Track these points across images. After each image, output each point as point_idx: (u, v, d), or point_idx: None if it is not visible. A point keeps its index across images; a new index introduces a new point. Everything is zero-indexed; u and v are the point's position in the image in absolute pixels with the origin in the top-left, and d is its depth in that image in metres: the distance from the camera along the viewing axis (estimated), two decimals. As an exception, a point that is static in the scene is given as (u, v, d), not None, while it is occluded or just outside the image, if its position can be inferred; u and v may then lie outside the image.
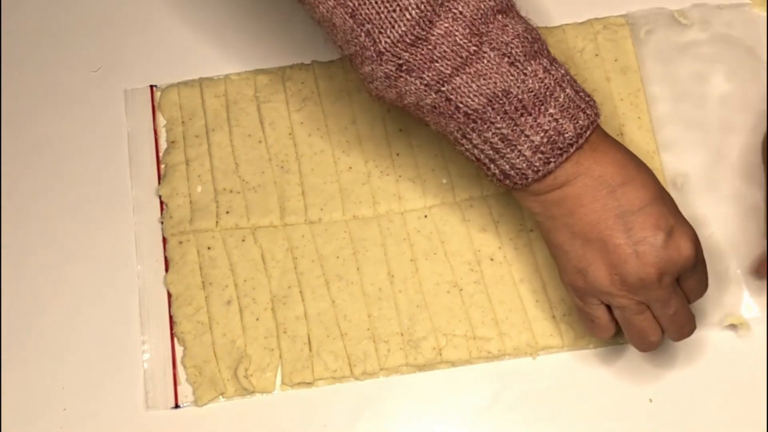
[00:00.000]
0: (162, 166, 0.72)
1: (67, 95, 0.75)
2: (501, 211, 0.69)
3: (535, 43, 0.56)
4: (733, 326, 0.66)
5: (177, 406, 0.66)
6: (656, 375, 0.65)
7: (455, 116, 0.55)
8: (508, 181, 0.57)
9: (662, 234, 0.56)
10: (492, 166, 0.57)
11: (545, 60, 0.55)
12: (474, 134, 0.56)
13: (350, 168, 0.71)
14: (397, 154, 0.71)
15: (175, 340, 0.68)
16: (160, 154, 0.73)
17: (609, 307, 0.59)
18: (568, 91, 0.56)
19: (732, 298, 0.67)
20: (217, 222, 0.70)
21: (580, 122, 0.55)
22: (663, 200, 0.57)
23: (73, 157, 0.73)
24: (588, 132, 0.56)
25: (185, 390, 0.66)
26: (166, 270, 0.69)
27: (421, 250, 0.68)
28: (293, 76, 0.74)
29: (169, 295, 0.69)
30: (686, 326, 0.60)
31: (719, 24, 0.73)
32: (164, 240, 0.70)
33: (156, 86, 0.75)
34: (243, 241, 0.69)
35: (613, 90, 0.72)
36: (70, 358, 0.67)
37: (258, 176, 0.71)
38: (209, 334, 0.67)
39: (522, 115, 0.55)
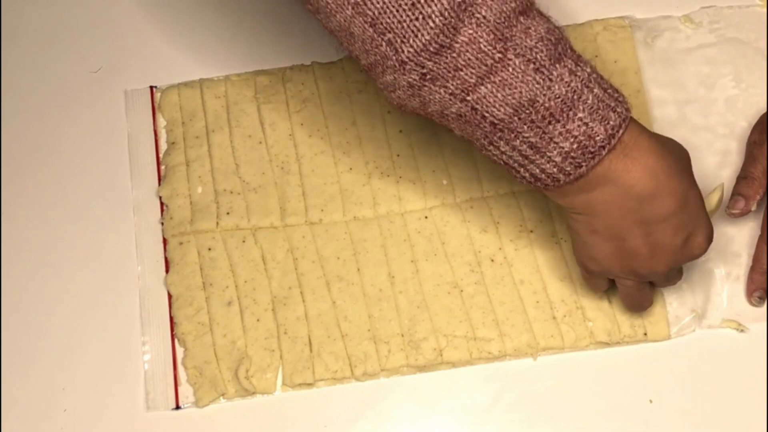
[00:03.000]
0: (162, 167, 0.72)
1: (67, 95, 0.75)
2: (501, 212, 0.69)
3: (559, 44, 0.54)
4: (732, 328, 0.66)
5: (178, 407, 0.66)
6: (656, 375, 0.65)
7: (481, 125, 0.54)
8: (539, 184, 0.56)
9: (680, 241, 0.57)
10: (522, 170, 0.56)
11: (570, 61, 0.54)
12: (501, 142, 0.55)
13: (350, 169, 0.71)
14: (398, 156, 0.71)
15: (176, 341, 0.68)
16: (161, 155, 0.73)
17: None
18: (596, 91, 0.54)
19: (730, 300, 0.67)
20: (217, 223, 0.70)
21: (611, 122, 0.54)
22: (687, 206, 0.57)
23: (74, 158, 0.73)
24: (620, 131, 0.54)
25: (186, 391, 0.66)
26: (167, 271, 0.69)
27: (421, 251, 0.68)
28: (293, 77, 0.74)
29: (170, 296, 0.68)
30: (676, 279, 0.64)
31: (728, 26, 0.73)
32: (165, 241, 0.70)
33: (156, 87, 0.75)
34: (243, 242, 0.69)
35: (613, 91, 0.72)
36: (71, 359, 0.67)
37: (258, 177, 0.71)
38: (210, 335, 0.67)
39: (550, 123, 0.53)
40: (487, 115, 0.54)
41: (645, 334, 0.66)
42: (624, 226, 0.56)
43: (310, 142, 0.72)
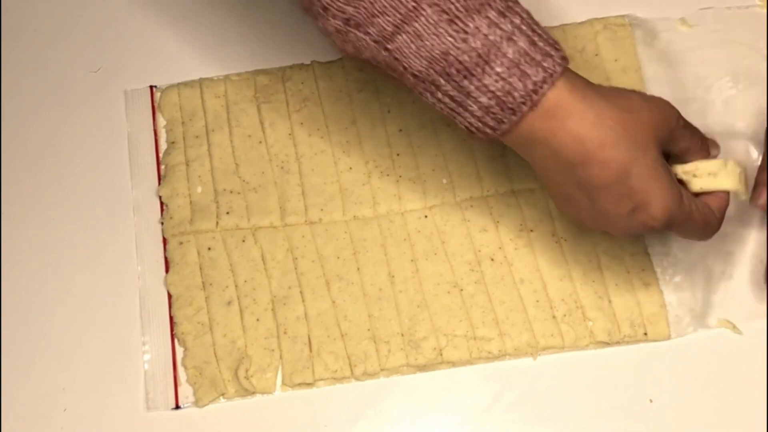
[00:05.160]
0: (162, 167, 0.72)
1: (67, 95, 0.75)
2: (501, 211, 0.69)
3: None
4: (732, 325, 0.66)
5: (177, 407, 0.66)
6: (656, 375, 0.65)
7: (405, 76, 0.54)
8: (476, 135, 0.55)
9: (624, 211, 0.55)
10: (456, 120, 0.56)
11: (494, 12, 0.52)
12: (428, 93, 0.54)
13: (350, 168, 0.71)
14: (398, 155, 0.71)
15: (176, 340, 0.68)
16: (160, 155, 0.73)
17: None
18: (521, 44, 0.52)
19: (729, 300, 0.67)
20: (217, 222, 0.70)
21: (533, 79, 0.52)
22: (628, 178, 0.54)
23: (73, 158, 0.73)
24: (544, 88, 0.52)
25: (186, 391, 0.66)
26: (167, 271, 0.69)
27: (421, 251, 0.68)
28: (293, 76, 0.74)
29: (170, 296, 0.69)
30: (695, 231, 0.61)
31: (726, 27, 0.73)
32: (164, 240, 0.70)
33: (156, 87, 0.75)
34: (243, 241, 0.69)
35: (613, 90, 0.72)
36: (71, 359, 0.67)
37: (258, 177, 0.71)
38: (210, 334, 0.67)
39: (465, 77, 0.52)
40: (406, 66, 0.53)
41: (645, 333, 0.66)
42: (568, 189, 0.55)
43: (309, 141, 0.72)
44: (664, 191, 0.55)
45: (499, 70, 0.52)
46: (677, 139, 0.59)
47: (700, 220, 0.58)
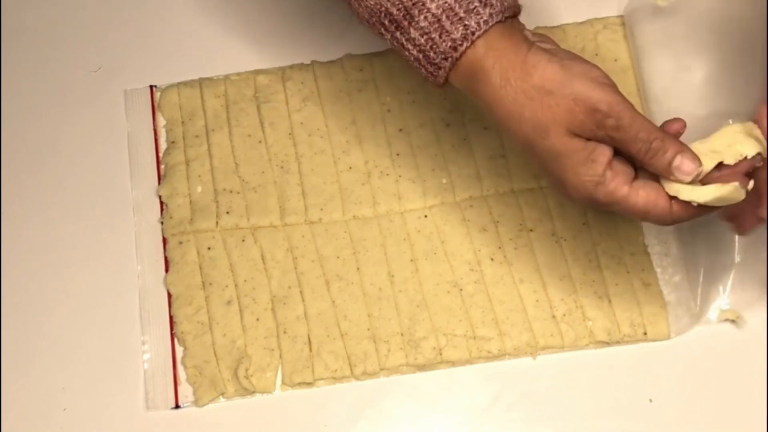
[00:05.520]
0: (162, 167, 0.72)
1: (67, 95, 0.75)
2: (501, 211, 0.69)
3: None
4: (731, 321, 0.66)
5: (177, 407, 0.66)
6: (656, 375, 0.65)
7: (361, 21, 0.56)
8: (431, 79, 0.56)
9: (553, 179, 0.55)
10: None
11: None
12: (381, 38, 0.56)
13: (350, 168, 0.71)
14: (397, 154, 0.71)
15: (176, 340, 0.68)
16: (160, 155, 0.73)
17: None
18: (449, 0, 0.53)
19: (729, 297, 0.67)
20: (217, 222, 0.70)
21: (453, 35, 0.53)
22: (534, 156, 0.55)
23: (73, 158, 0.73)
24: (464, 45, 0.53)
25: (185, 390, 0.66)
26: (167, 270, 0.69)
27: (421, 250, 0.68)
28: (293, 76, 0.74)
29: (170, 296, 0.69)
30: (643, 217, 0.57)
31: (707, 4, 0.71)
32: (164, 240, 0.70)
33: (156, 86, 0.75)
34: (243, 241, 0.69)
35: (613, 90, 0.72)
36: (71, 359, 0.67)
37: (258, 176, 0.71)
38: (209, 334, 0.67)
39: (397, 29, 0.54)
40: (356, 12, 0.55)
41: (645, 333, 0.66)
42: (517, 145, 0.56)
43: (309, 141, 0.72)
44: (569, 176, 0.54)
45: (423, 24, 0.53)
46: (607, 140, 0.54)
47: (641, 210, 0.54)
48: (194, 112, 0.73)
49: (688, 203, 0.54)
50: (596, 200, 0.54)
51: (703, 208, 0.54)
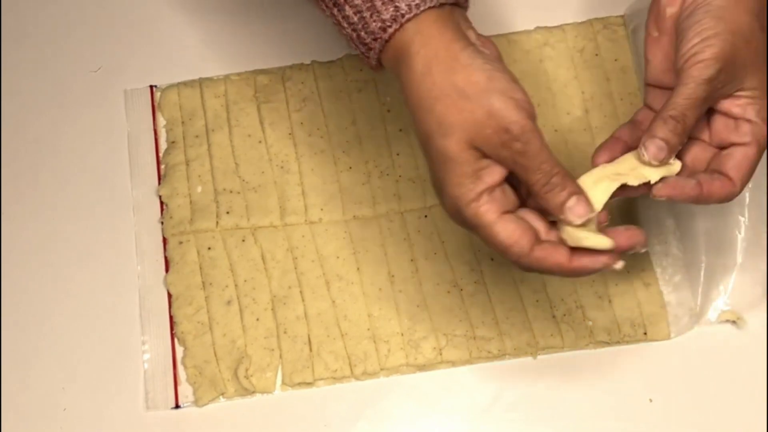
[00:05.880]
0: (162, 167, 0.72)
1: (67, 95, 0.75)
2: (501, 211, 0.69)
3: None
4: (731, 322, 0.66)
5: (177, 407, 0.66)
6: (656, 375, 0.65)
7: None
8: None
9: (436, 185, 0.55)
10: None
11: None
12: (322, 13, 0.56)
13: (350, 168, 0.71)
14: (397, 154, 0.71)
15: (176, 340, 0.68)
16: (160, 155, 0.73)
17: None
18: None
19: (729, 297, 0.67)
20: (217, 222, 0.70)
21: (383, 16, 0.52)
22: (426, 152, 0.53)
23: (73, 158, 0.73)
24: (393, 26, 0.52)
25: (185, 390, 0.66)
26: (167, 270, 0.69)
27: (421, 250, 0.68)
28: (293, 76, 0.74)
29: (170, 296, 0.69)
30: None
31: None
32: (164, 240, 0.70)
33: (156, 86, 0.75)
34: (243, 241, 0.69)
35: (613, 90, 0.72)
36: (71, 359, 0.67)
37: (258, 176, 0.71)
38: (209, 334, 0.67)
39: (335, 5, 0.54)
40: None
41: (645, 333, 0.66)
42: (417, 136, 0.55)
43: (309, 141, 0.72)
44: (449, 184, 0.52)
45: (357, 2, 0.53)
46: (508, 163, 0.52)
47: (499, 243, 0.53)
48: (194, 112, 0.73)
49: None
50: (463, 216, 0.53)
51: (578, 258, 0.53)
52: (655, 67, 0.59)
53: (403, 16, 0.52)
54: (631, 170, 0.55)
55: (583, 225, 0.53)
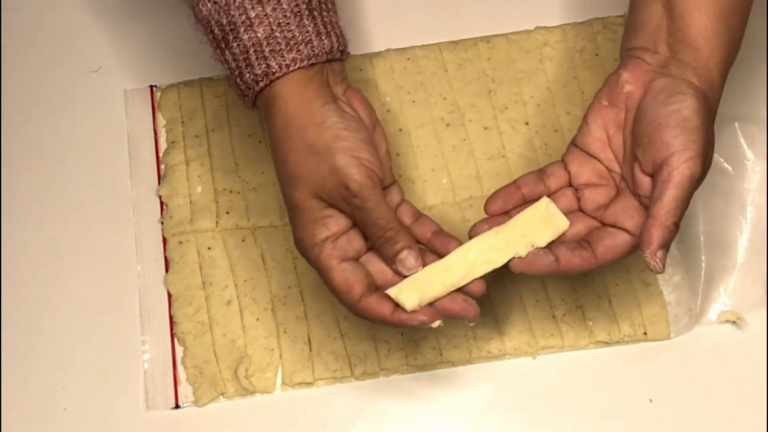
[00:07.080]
0: (162, 167, 0.72)
1: (67, 95, 0.75)
2: (501, 211, 0.69)
3: None
4: (731, 322, 0.66)
5: (177, 407, 0.66)
6: (656, 375, 0.65)
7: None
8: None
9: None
10: None
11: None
12: (210, 46, 0.58)
13: (350, 168, 0.71)
14: (397, 154, 0.71)
15: (176, 340, 0.68)
16: (160, 155, 0.73)
17: None
18: (258, 33, 0.55)
19: (729, 297, 0.67)
20: (217, 222, 0.70)
21: (256, 71, 0.56)
22: (282, 193, 0.58)
23: (73, 158, 0.73)
24: (260, 84, 0.56)
25: (185, 390, 0.66)
26: (167, 270, 0.69)
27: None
28: (293, 76, 0.74)
29: (170, 296, 0.69)
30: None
31: None
32: (164, 240, 0.70)
33: (156, 86, 0.75)
34: (243, 241, 0.69)
35: (613, 90, 0.72)
36: (71, 359, 0.67)
37: (258, 176, 0.71)
38: (209, 334, 0.67)
39: (218, 47, 0.57)
40: (198, 19, 0.58)
41: (645, 333, 0.66)
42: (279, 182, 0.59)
43: (309, 141, 0.72)
44: (297, 229, 0.57)
45: (236, 51, 0.56)
46: (352, 215, 0.57)
47: (334, 287, 0.57)
48: (194, 112, 0.73)
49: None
50: (308, 259, 0.57)
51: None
52: (591, 134, 0.60)
53: (273, 74, 0.56)
54: (521, 238, 0.57)
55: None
